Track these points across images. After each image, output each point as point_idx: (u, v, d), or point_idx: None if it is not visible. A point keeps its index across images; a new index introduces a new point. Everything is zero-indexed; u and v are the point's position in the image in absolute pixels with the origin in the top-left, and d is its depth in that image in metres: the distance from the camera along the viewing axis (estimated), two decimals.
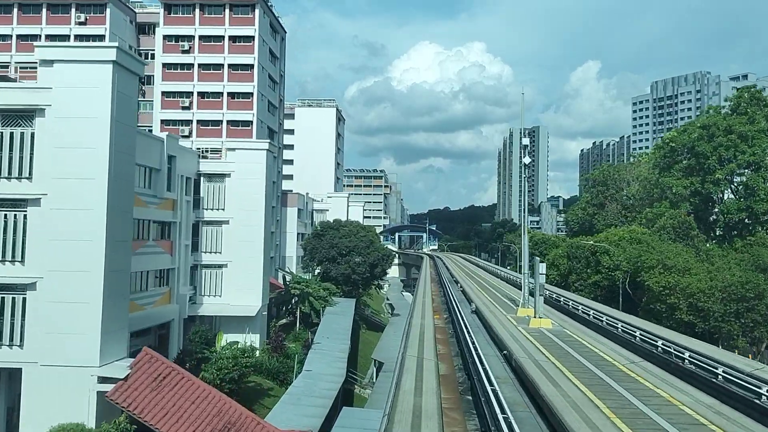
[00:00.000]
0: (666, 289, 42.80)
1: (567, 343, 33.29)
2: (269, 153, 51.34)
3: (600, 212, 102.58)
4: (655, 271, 44.43)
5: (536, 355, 28.85)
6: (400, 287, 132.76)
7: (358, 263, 69.39)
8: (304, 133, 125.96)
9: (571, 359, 28.17)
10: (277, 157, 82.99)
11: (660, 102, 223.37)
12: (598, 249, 57.50)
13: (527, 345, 31.79)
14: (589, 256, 59.48)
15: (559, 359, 27.87)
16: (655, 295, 43.82)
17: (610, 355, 29.73)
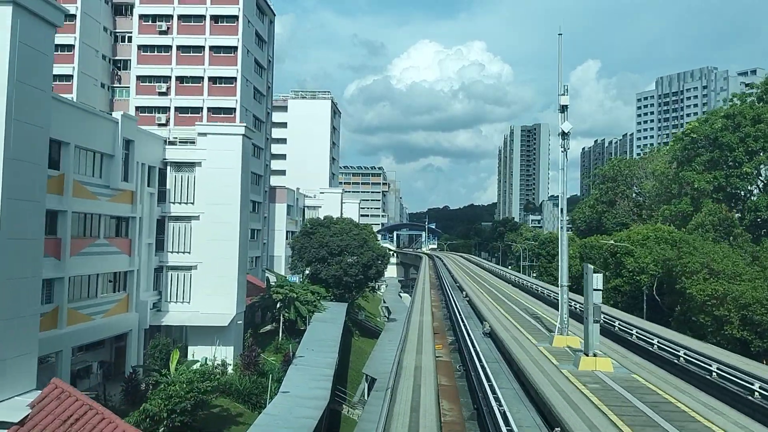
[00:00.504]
0: (712, 298, 35.75)
1: (656, 408, 19.19)
2: (246, 139, 44.59)
3: (610, 210, 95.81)
4: (699, 276, 37.44)
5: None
6: (397, 288, 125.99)
7: (351, 264, 62.73)
8: (297, 127, 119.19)
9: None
10: (264, 148, 76.31)
11: (665, 98, 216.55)
12: (619, 249, 50.73)
13: (590, 412, 18.55)
14: (607, 257, 52.82)
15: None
16: (697, 305, 36.92)
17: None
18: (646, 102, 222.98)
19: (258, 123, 73.81)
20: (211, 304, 42.54)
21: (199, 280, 42.98)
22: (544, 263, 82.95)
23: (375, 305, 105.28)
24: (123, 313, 39.13)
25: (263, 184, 75.46)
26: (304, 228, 66.49)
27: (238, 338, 43.25)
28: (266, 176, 77.45)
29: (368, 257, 63.63)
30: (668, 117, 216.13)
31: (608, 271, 52.88)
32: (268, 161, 78.86)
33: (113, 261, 37.83)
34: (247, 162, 45.19)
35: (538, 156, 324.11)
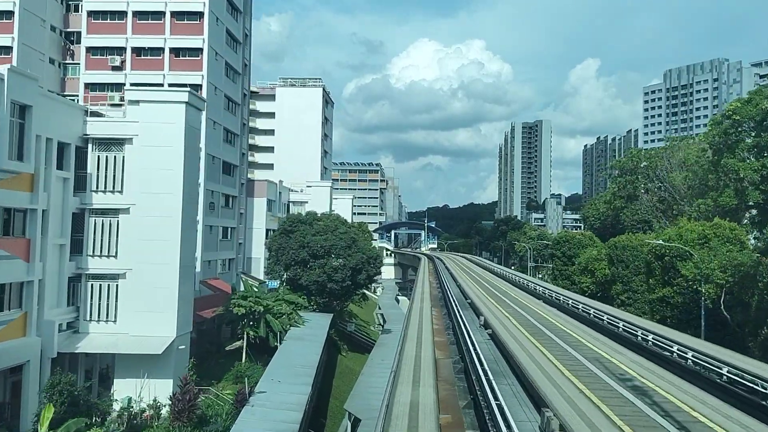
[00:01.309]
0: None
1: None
2: (191, 109, 33.90)
3: (629, 206, 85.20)
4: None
5: None
6: (394, 291, 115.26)
7: (336, 268, 52.13)
8: (286, 117, 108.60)
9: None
10: (240, 134, 65.77)
11: (674, 92, 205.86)
12: (668, 251, 40.07)
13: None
14: (651, 260, 42.33)
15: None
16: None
17: None
18: (653, 96, 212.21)
19: (232, 105, 63.24)
20: (143, 324, 31.99)
21: (129, 292, 32.43)
22: (559, 265, 72.30)
23: (369, 311, 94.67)
24: (18, 338, 28.62)
25: (239, 176, 64.95)
26: (281, 226, 55.90)
27: (180, 368, 32.66)
28: (243, 166, 66.90)
29: (357, 260, 53.03)
30: (677, 111, 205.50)
31: (653, 278, 42.42)
32: (245, 149, 68.31)
33: (1, 269, 27.33)
34: (194, 139, 34.55)
35: (539, 153, 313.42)
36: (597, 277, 54.86)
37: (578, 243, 70.84)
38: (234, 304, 41.25)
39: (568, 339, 31.33)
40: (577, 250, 70.51)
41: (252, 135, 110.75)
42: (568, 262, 70.90)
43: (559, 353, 27.11)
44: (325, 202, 77.97)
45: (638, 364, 24.85)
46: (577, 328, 35.03)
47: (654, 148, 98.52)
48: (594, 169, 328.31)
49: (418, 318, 42.05)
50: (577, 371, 23.12)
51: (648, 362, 25.32)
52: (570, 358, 26.13)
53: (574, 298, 44.64)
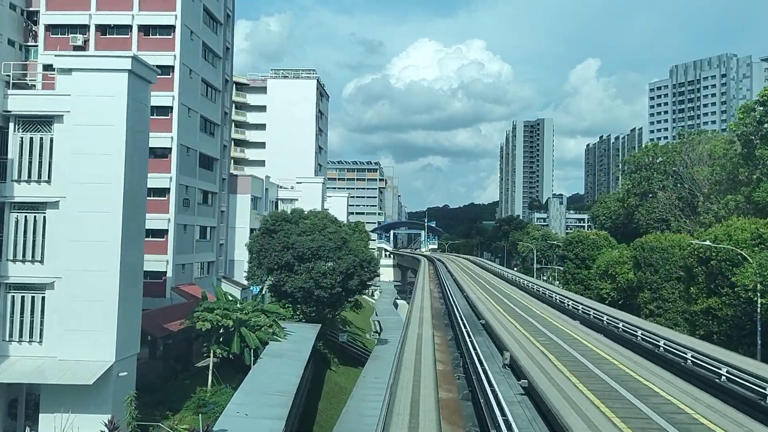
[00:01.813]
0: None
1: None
2: (136, 79, 27.37)
3: (644, 203, 78.77)
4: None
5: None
6: (393, 294, 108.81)
7: (324, 272, 45.73)
8: (278, 111, 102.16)
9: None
10: (221, 124, 59.40)
11: (680, 88, 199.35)
12: (714, 254, 33.42)
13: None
14: (694, 265, 35.84)
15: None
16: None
17: None
18: (659, 92, 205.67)
19: (211, 92, 56.84)
20: (75, 345, 25.57)
21: (57, 306, 25.99)
22: (571, 268, 65.83)
23: (366, 316, 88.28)
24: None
25: (219, 170, 58.56)
26: (263, 225, 49.42)
27: (120, 401, 26.17)
28: (224, 160, 60.53)
29: (349, 263, 46.58)
30: (683, 108, 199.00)
31: (695, 286, 36.00)
32: (227, 141, 61.91)
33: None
34: (140, 117, 28.06)
35: (541, 152, 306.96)
36: (619, 283, 48.49)
37: (592, 244, 64.39)
38: (197, 318, 34.75)
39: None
40: (591, 252, 64.05)
41: (242, 130, 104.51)
42: (582, 265, 64.48)
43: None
44: (317, 200, 71.57)
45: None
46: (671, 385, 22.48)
47: (671, 143, 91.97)
48: (596, 168, 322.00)
49: (413, 355, 30.77)
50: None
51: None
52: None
53: (600, 310, 37.77)
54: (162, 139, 48.22)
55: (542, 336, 33.76)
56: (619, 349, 29.89)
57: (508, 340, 31.78)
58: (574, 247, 65.72)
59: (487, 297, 52.72)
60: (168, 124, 48.96)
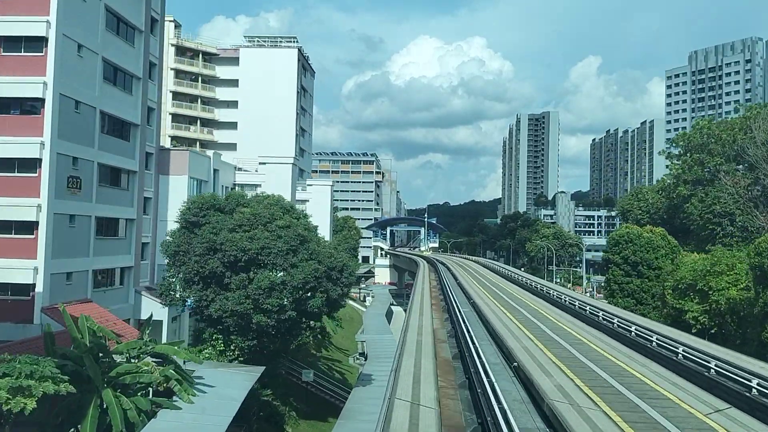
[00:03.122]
0: None
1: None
2: None
3: (698, 191, 62.04)
4: None
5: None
6: (387, 301, 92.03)
7: (268, 288, 29.02)
8: (252, 86, 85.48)
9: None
10: (142, 78, 42.63)
11: (700, 75, 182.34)
12: None
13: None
14: None
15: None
16: None
17: None
18: (677, 80, 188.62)
19: (127, 29, 40.05)
20: None
21: None
22: (618, 276, 49.08)
23: (353, 329, 71.62)
24: None
25: (142, 141, 41.79)
26: (183, 215, 32.57)
27: None
28: (150, 128, 43.81)
29: (307, 273, 29.77)
30: (704, 97, 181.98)
31: None
32: (156, 102, 45.08)
33: None
34: None
35: (546, 146, 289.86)
36: (714, 304, 31.91)
37: (647, 245, 47.65)
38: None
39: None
40: (645, 255, 47.37)
41: (210, 108, 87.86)
42: (633, 272, 47.83)
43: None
44: (287, 187, 54.77)
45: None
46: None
47: (732, 118, 74.92)
48: (603, 164, 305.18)
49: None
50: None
51: None
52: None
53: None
54: (27, 86, 31.59)
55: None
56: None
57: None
58: (622, 249, 48.84)
59: (530, 336, 28.45)
60: (39, 64, 32.22)
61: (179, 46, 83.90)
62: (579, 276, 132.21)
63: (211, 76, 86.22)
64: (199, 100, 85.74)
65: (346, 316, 76.31)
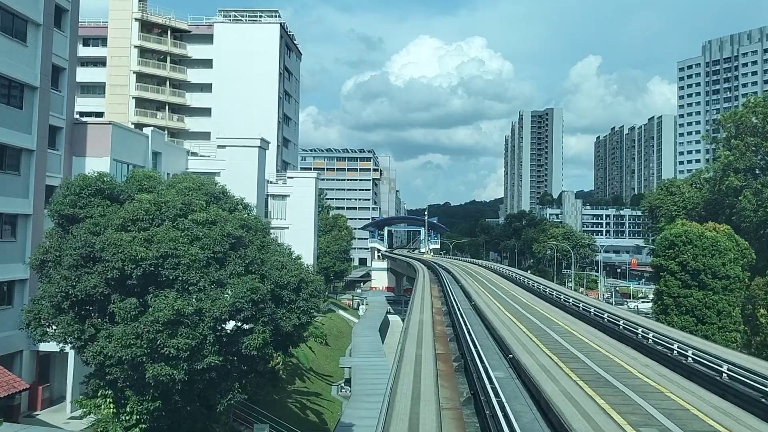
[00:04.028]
0: None
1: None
2: None
3: (751, 181, 50.82)
4: None
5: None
6: (383, 309, 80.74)
7: (169, 323, 17.68)
8: (228, 67, 74.46)
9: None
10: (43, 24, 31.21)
11: (715, 66, 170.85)
12: None
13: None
14: None
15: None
16: None
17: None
18: (689, 72, 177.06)
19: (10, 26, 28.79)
20: None
21: None
22: (673, 286, 37.73)
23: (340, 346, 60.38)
24: None
25: (39, 109, 30.59)
26: (55, 206, 21.33)
27: None
28: (54, 91, 32.61)
29: (243, 295, 18.53)
30: (718, 89, 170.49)
31: None
32: (66, 60, 33.86)
33: None
34: None
35: (550, 144, 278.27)
36: None
37: (712, 246, 36.36)
38: None
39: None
40: (709, 260, 36.14)
41: (181, 92, 76.58)
42: (693, 282, 36.56)
43: None
44: (252, 176, 43.45)
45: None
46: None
47: None
48: (608, 162, 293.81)
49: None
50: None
51: None
52: None
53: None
54: None
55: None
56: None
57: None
58: (678, 253, 37.48)
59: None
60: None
61: (144, 21, 72.78)
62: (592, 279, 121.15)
63: (181, 55, 75.08)
64: (168, 82, 74.56)
65: (334, 329, 65.07)
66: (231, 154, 42.88)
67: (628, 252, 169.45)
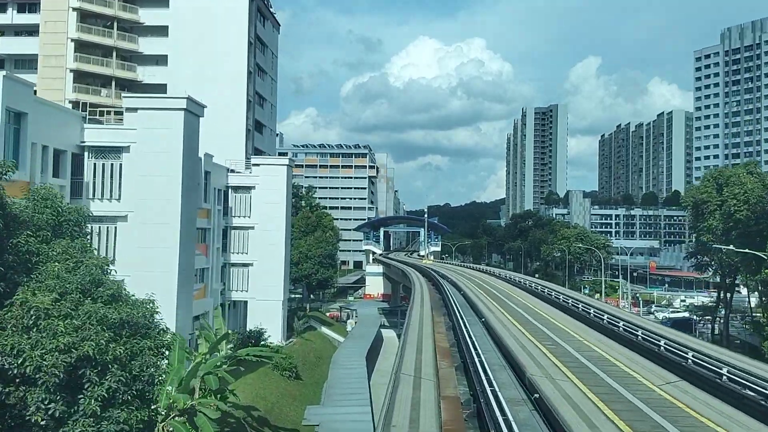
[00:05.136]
0: None
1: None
2: None
3: None
4: None
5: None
6: (375, 326, 67.02)
7: None
8: (186, 36, 61.16)
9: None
10: None
11: (734, 55, 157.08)
12: None
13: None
14: None
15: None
16: None
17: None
18: (707, 62, 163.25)
19: None
20: None
21: None
22: None
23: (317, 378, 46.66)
24: None
25: None
26: None
27: None
28: None
29: None
30: (739, 79, 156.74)
31: None
32: None
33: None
34: None
35: (555, 142, 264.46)
36: None
37: None
38: None
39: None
40: None
41: (131, 65, 63.27)
42: None
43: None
44: (174, 153, 29.68)
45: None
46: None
47: None
48: (614, 161, 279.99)
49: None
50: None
51: None
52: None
53: None
54: None
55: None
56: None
57: None
58: None
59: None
60: None
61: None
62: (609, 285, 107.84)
63: (132, 21, 61.63)
64: (115, 53, 61.19)
65: (311, 354, 51.35)
66: (144, 121, 29.29)
67: (642, 254, 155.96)
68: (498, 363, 21.38)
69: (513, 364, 20.92)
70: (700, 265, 68.51)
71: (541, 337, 26.75)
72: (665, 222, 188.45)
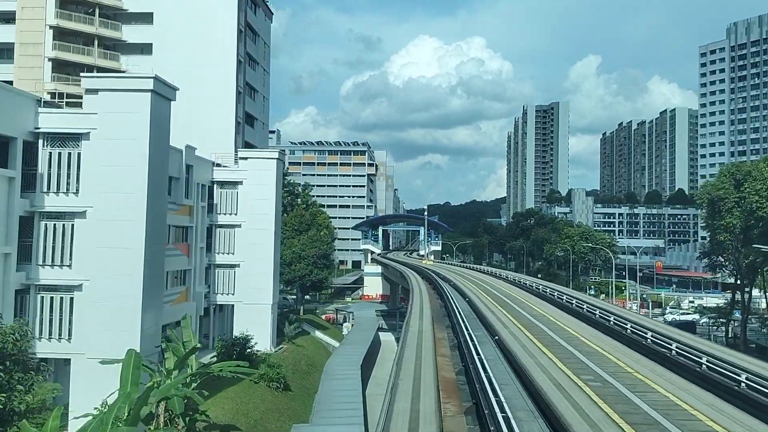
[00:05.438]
0: None
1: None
2: None
3: None
4: None
5: None
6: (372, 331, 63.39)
7: None
8: (172, 22, 57.60)
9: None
10: None
11: (741, 50, 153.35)
12: None
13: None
14: None
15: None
16: None
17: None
18: (713, 57, 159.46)
19: None
20: None
21: None
22: None
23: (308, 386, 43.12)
24: None
25: None
26: None
27: None
28: None
29: None
30: (745, 75, 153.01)
31: None
32: None
33: None
34: None
35: (556, 140, 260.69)
36: None
37: None
38: None
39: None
40: None
41: (114, 54, 59.73)
42: None
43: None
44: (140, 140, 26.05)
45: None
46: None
47: None
48: (615, 159, 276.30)
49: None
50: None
51: None
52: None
53: None
54: None
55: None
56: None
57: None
58: None
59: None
60: None
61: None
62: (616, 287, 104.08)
63: (115, 7, 58.06)
64: (97, 41, 57.61)
65: (303, 362, 47.76)
66: (106, 105, 25.69)
67: (647, 254, 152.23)
68: (524, 407, 16.93)
69: (543, 407, 16.17)
70: (714, 265, 65.01)
71: (577, 367, 20.24)
72: (670, 221, 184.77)
